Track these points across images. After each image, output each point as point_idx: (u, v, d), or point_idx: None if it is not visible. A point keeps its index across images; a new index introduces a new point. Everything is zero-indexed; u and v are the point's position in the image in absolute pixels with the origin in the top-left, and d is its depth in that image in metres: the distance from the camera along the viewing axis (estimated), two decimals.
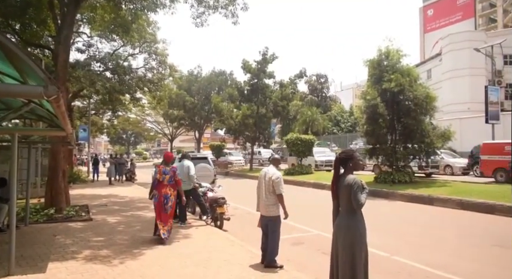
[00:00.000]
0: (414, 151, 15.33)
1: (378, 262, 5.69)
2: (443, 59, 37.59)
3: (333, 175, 3.85)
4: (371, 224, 3.82)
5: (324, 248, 6.31)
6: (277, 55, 28.91)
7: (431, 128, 15.42)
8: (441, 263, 5.75)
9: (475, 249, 6.74)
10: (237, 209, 11.47)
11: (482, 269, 5.55)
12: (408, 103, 14.80)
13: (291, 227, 8.82)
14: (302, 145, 22.74)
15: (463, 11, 53.25)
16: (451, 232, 8.22)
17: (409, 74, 15.15)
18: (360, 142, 27.59)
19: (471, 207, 10.63)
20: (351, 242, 3.58)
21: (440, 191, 12.60)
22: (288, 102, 32.18)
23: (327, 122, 45.74)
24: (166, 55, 20.87)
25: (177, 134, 47.39)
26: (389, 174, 15.34)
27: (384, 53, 15.58)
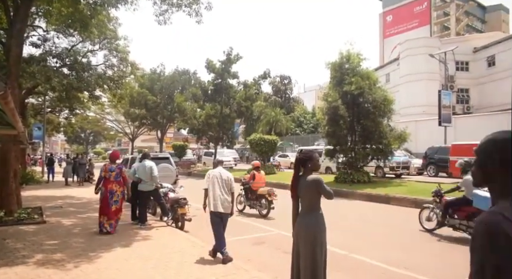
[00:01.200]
0: (372, 151, 15.86)
1: (336, 260, 5.84)
2: (400, 64, 39.13)
3: (293, 176, 3.92)
4: (331, 222, 3.92)
5: (284, 247, 6.38)
6: (241, 56, 29.02)
7: (388, 130, 16.01)
8: (396, 259, 5.99)
9: (427, 244, 7.08)
10: (199, 209, 11.34)
11: (432, 263, 5.84)
12: (367, 106, 15.30)
13: (252, 227, 8.89)
14: (265, 146, 22.93)
15: (420, 18, 55.76)
16: (406, 229, 8.58)
17: (369, 77, 15.67)
18: (321, 143, 28.18)
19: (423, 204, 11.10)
20: (312, 241, 3.66)
21: (396, 190, 13.12)
22: (251, 103, 32.37)
23: (290, 123, 46.28)
24: (128, 52, 20.33)
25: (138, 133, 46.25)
26: (349, 174, 15.78)
27: (345, 56, 16.01)
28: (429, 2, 55.25)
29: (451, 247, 6.90)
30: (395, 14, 59.28)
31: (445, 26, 56.68)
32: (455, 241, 7.27)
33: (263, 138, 23.25)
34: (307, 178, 3.74)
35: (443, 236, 7.69)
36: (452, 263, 5.89)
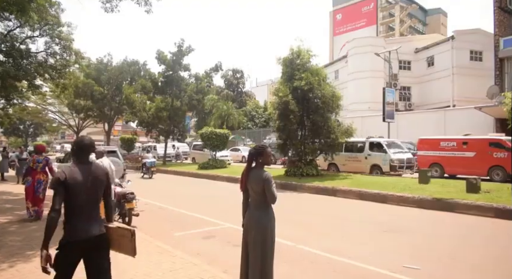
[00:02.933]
0: (321, 146, 16.34)
1: (283, 251, 5.98)
2: (348, 61, 40.53)
3: (245, 168, 3.95)
4: (279, 215, 4.00)
5: (235, 241, 6.43)
6: (193, 48, 28.53)
7: (336, 125, 16.57)
8: (341, 249, 6.24)
9: (370, 235, 7.44)
10: (147, 204, 11.13)
11: (375, 252, 6.15)
12: (317, 101, 15.69)
13: (202, 221, 8.85)
14: (217, 139, 22.84)
15: (367, 18, 58.03)
16: (351, 220, 8.97)
17: (318, 74, 16.07)
18: (273, 137, 28.57)
19: (368, 197, 11.67)
20: (261, 235, 3.71)
21: (342, 183, 13.64)
22: (203, 96, 32.01)
23: (242, 117, 46.49)
24: (72, 40, 19.18)
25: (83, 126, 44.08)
26: (299, 168, 16.16)
27: (295, 52, 16.29)
28: (376, 2, 57.64)
29: (395, 236, 7.30)
30: (344, 12, 61.21)
31: (390, 26, 59.47)
32: (400, 231, 7.71)
33: (214, 132, 23.14)
34: (258, 172, 3.79)
35: (390, 225, 8.13)
36: (395, 251, 6.25)
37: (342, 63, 42.91)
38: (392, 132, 24.83)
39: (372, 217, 9.26)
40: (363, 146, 17.95)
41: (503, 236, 7.41)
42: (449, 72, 34.68)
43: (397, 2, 58.31)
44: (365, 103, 35.93)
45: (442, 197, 9.98)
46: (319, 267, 5.46)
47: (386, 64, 30.12)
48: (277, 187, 14.40)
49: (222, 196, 13.22)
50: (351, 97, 36.98)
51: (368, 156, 17.62)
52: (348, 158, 18.33)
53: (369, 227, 8.11)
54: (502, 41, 24.88)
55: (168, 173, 23.75)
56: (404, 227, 7.98)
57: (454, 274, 5.12)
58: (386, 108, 24.84)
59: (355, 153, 18.21)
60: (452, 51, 34.64)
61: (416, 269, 5.22)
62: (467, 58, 34.73)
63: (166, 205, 11.27)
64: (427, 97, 37.06)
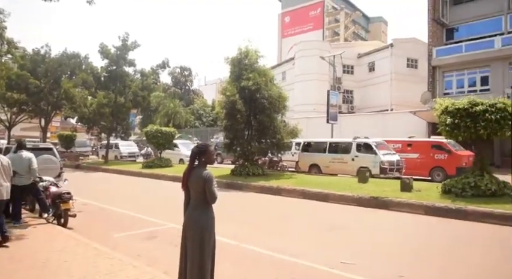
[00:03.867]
0: (267, 146, 16.59)
1: (227, 250, 6.00)
2: (295, 63, 41.50)
3: (187, 167, 3.90)
4: (224, 214, 4.02)
5: (177, 241, 6.23)
6: (139, 43, 27.62)
7: (282, 125, 16.92)
8: (283, 247, 6.37)
9: (311, 232, 7.69)
10: (86, 204, 10.62)
11: (316, 249, 6.36)
12: (263, 101, 15.88)
13: (144, 221, 8.62)
14: (162, 138, 22.34)
15: (314, 22, 59.73)
16: (294, 218, 9.20)
17: (265, 74, 16.31)
18: (220, 136, 28.50)
19: (311, 196, 12.03)
20: (200, 234, 3.69)
21: (287, 182, 13.94)
22: (149, 93, 31.12)
23: (190, 115, 45.90)
24: (4, 28, 17.83)
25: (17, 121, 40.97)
26: (245, 167, 16.28)
27: (243, 52, 16.38)
28: (322, 8, 59.50)
29: (335, 233, 7.59)
30: (292, 15, 62.51)
31: (335, 31, 61.67)
32: (340, 228, 8.02)
33: (160, 130, 22.61)
34: (200, 171, 3.76)
35: (331, 223, 8.43)
36: (335, 247, 6.51)
37: (290, 65, 43.83)
38: (336, 133, 25.80)
39: (314, 215, 9.57)
40: (349, 146, 16.99)
41: (431, 231, 7.99)
42: (388, 78, 36.73)
43: (342, 9, 60.64)
44: (311, 104, 36.96)
45: (378, 196, 10.56)
46: (262, 266, 5.54)
47: (331, 68, 31.21)
48: (223, 186, 14.38)
49: (166, 196, 12.96)
50: (297, 98, 37.87)
51: (355, 158, 16.57)
52: (333, 159, 17.32)
53: (311, 225, 8.37)
54: (434, 50, 26.82)
55: (110, 172, 22.81)
56: (343, 225, 8.34)
57: (387, 268, 5.43)
58: (330, 110, 25.69)
59: (340, 154, 17.19)
60: (391, 58, 36.74)
61: (352, 265, 5.47)
62: (404, 65, 37.02)
63: (107, 205, 10.83)
64: (368, 100, 38.95)
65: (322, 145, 18.20)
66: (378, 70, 38.67)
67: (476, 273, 5.30)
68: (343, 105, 37.94)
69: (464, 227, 8.23)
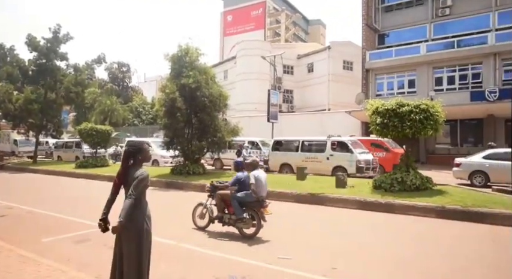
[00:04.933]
0: (208, 144, 16.49)
1: (165, 250, 5.91)
2: (237, 62, 41.68)
3: (120, 167, 3.77)
4: (163, 214, 3.94)
5: (111, 243, 6.02)
6: (72, 36, 26.06)
7: (223, 124, 16.92)
8: (222, 245, 6.41)
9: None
10: (12, 208, 9.85)
11: (255, 246, 6.45)
12: (204, 100, 15.76)
13: (76, 223, 8.18)
14: (98, 136, 21.30)
15: (256, 22, 60.39)
16: None
17: (206, 72, 16.20)
18: (160, 135, 27.79)
19: None
20: (136, 234, 3.60)
21: (228, 180, 13.94)
22: (83, 89, 29.45)
23: (128, 113, 44.24)
24: None
25: None
26: (185, 166, 16.05)
27: (184, 50, 16.12)
28: (264, 8, 60.34)
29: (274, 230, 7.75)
30: (235, 14, 62.67)
31: (276, 32, 62.83)
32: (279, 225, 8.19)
33: (95, 128, 21.53)
34: (135, 170, 3.66)
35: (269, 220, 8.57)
36: (274, 244, 6.65)
37: (231, 64, 43.92)
38: (276, 132, 26.33)
39: None
40: (323, 145, 16.54)
41: (362, 224, 8.47)
42: (325, 79, 38.18)
43: (283, 10, 61.98)
44: (252, 103, 37.35)
45: (315, 192, 10.98)
46: (200, 264, 5.52)
47: (271, 68, 31.82)
48: (163, 185, 14.08)
49: (100, 197, 12.26)
50: (239, 97, 38.07)
51: (330, 156, 16.09)
52: (306, 158, 16.65)
53: None
54: (368, 54, 28.38)
55: (39, 173, 21.29)
56: (281, 221, 8.54)
57: (321, 261, 5.67)
58: (270, 109, 26.18)
59: (314, 153, 16.69)
60: (329, 60, 38.25)
61: (288, 259, 5.64)
62: (340, 67, 38.73)
63: (35, 208, 10.09)
64: (307, 100, 40.22)
65: (295, 144, 17.61)
66: (317, 71, 40.06)
67: (399, 260, 5.72)
68: (283, 104, 38.83)
69: (391, 219, 8.83)
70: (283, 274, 5.08)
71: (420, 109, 10.41)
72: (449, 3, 26.25)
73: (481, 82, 24.40)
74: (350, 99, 29.32)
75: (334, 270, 5.20)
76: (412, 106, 10.47)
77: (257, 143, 20.74)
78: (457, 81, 25.52)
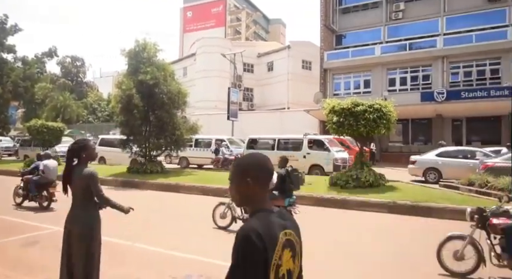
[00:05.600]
0: (166, 142, 16.21)
1: (120, 251, 5.77)
2: (197, 59, 41.25)
3: (65, 167, 3.62)
4: (117, 214, 3.80)
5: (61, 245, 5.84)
6: (20, 28, 24.68)
7: (182, 121, 16.66)
8: (180, 245, 6.33)
9: (209, 229, 7.73)
10: None
11: (214, 245, 6.44)
12: (162, 97, 15.43)
13: (24, 226, 7.77)
14: (48, 134, 20.27)
15: (216, 19, 59.99)
16: (192, 215, 9.17)
17: (165, 69, 15.88)
18: (117, 132, 26.94)
19: (211, 192, 12.09)
20: (85, 234, 3.49)
21: (187, 179, 13.83)
22: (33, 83, 28.01)
23: (82, 109, 42.54)
24: None
25: None
26: (142, 164, 15.69)
27: (141, 45, 15.71)
28: (225, 5, 60.08)
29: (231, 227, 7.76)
30: (195, 11, 61.91)
31: (237, 30, 62.81)
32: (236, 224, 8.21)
33: (46, 125, 20.47)
34: (82, 169, 3.54)
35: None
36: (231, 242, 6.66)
37: (191, 61, 43.40)
38: (236, 130, 26.34)
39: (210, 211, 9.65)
40: (300, 143, 16.45)
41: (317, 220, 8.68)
42: (285, 78, 38.70)
43: (244, 8, 62.04)
44: (212, 101, 37.13)
45: None
46: (156, 264, 5.43)
47: (232, 66, 31.75)
48: (119, 184, 13.69)
49: None
50: (199, 94, 37.69)
51: (307, 155, 16.01)
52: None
53: (207, 221, 8.43)
54: (326, 54, 29.05)
55: None
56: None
57: None
58: (231, 107, 26.16)
59: (291, 151, 16.21)
60: (288, 59, 38.79)
61: None
62: (300, 66, 39.39)
63: None
64: (267, 98, 40.56)
65: (270, 142, 17.44)
66: (276, 70, 40.50)
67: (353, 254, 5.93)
68: (243, 102, 38.91)
69: (345, 215, 9.13)
70: None
71: (374, 109, 10.82)
72: (402, 8, 27.42)
73: (430, 84, 25.72)
74: (309, 98, 29.88)
75: None
76: (366, 106, 10.86)
77: (225, 141, 20.61)
78: (409, 82, 26.76)
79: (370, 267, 5.41)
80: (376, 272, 5.30)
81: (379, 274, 5.26)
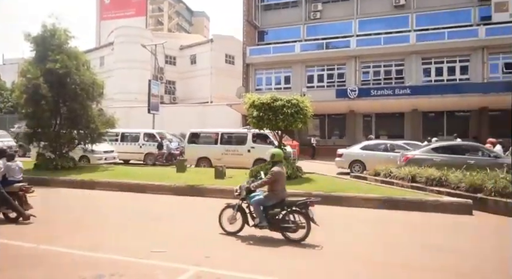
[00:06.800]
0: (80, 136, 15.19)
1: (24, 254, 5.37)
2: (115, 49, 39.14)
3: None
4: None
5: None
6: None
7: (97, 114, 15.69)
8: (90, 244, 5.99)
9: (122, 225, 7.44)
10: None
11: (127, 242, 6.20)
12: (75, 87, 14.35)
13: None
14: None
15: (136, 8, 57.25)
16: (105, 213, 8.77)
17: (77, 57, 14.77)
18: (23, 125, 24.51)
19: (128, 188, 11.62)
20: None
21: (102, 175, 13.11)
22: None
23: None
24: None
25: None
26: (52, 160, 14.53)
27: (49, 30, 14.41)
28: None
29: (148, 224, 7.54)
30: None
31: (159, 20, 60.74)
32: (156, 218, 8.00)
33: None
34: None
35: (146, 214, 8.32)
36: (147, 238, 6.49)
37: (109, 50, 41.07)
38: (158, 123, 25.61)
39: (128, 208, 9.33)
40: (244, 138, 16.30)
41: None
42: (208, 71, 38.48)
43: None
44: (132, 93, 35.65)
45: (194, 184, 11.04)
46: (65, 266, 5.11)
47: (153, 57, 30.68)
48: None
49: None
50: (118, 86, 35.94)
51: (251, 149, 15.89)
52: (226, 151, 16.27)
53: (124, 218, 8.13)
54: (248, 50, 29.47)
55: None
56: (158, 215, 8.40)
57: (195, 251, 5.75)
58: (151, 100, 25.38)
59: (235, 146, 16.40)
60: (211, 53, 38.61)
61: (163, 252, 5.59)
62: (223, 60, 39.40)
63: None
64: (190, 92, 39.98)
65: (214, 136, 17.08)
66: (199, 64, 40.08)
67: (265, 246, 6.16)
68: (165, 95, 37.93)
69: None
70: (155, 267, 5.02)
71: (292, 104, 11.25)
72: (320, 8, 28.83)
73: (344, 81, 27.47)
74: (232, 92, 30.10)
75: (207, 259, 5.34)
76: (284, 101, 11.26)
77: (154, 135, 19.84)
78: (326, 80, 28.30)
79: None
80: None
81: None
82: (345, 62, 27.62)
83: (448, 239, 6.62)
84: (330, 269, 5.11)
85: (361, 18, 28.16)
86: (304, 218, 6.14)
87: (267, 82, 30.07)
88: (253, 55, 29.40)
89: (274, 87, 28.61)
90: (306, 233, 6.09)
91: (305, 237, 6.08)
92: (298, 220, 6.21)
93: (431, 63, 25.77)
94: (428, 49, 25.23)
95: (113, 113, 16.46)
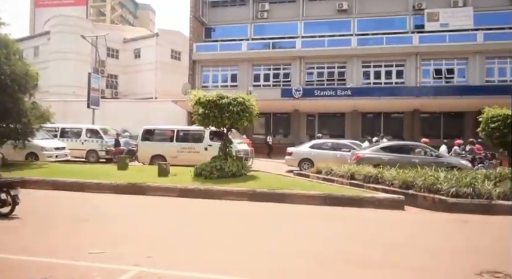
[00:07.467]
0: (10, 131, 14.10)
1: None
2: (51, 39, 36.75)
3: None
4: None
5: None
6: None
7: (31, 108, 14.69)
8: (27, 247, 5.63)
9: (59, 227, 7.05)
10: None
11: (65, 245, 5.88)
12: (4, 78, 13.29)
13: None
14: None
15: None
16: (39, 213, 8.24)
17: (7, 46, 13.71)
18: None
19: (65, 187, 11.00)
20: None
21: (34, 173, 12.29)
22: None
23: None
24: None
25: None
26: None
27: None
28: None
29: (84, 225, 7.20)
30: None
31: (101, 11, 57.91)
32: (94, 219, 7.65)
33: None
34: None
35: (83, 215, 7.93)
36: (84, 240, 6.19)
37: (44, 40, 38.41)
38: (98, 119, 24.47)
39: (64, 208, 8.85)
40: (201, 135, 15.98)
41: (181, 211, 8.73)
42: (153, 66, 37.40)
43: None
44: (69, 87, 33.71)
45: (136, 182, 10.71)
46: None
47: (93, 49, 29.24)
48: None
49: None
50: (54, 78, 33.81)
51: (209, 147, 15.55)
52: (182, 149, 15.92)
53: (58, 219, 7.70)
54: (195, 46, 29.12)
55: None
56: (96, 214, 8.05)
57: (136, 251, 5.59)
58: (91, 94, 24.20)
59: (191, 143, 16.09)
60: (157, 47, 37.56)
61: (101, 253, 5.37)
62: (168, 56, 38.51)
63: None
64: (133, 87, 38.60)
65: (169, 133, 16.65)
66: (144, 58, 38.84)
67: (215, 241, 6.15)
68: (106, 89, 36.31)
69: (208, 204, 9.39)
70: (93, 269, 4.81)
71: (238, 102, 11.32)
72: (267, 8, 29.19)
73: (290, 81, 28.09)
74: (178, 89, 29.53)
75: (149, 259, 5.21)
76: (230, 99, 11.29)
77: (98, 131, 18.80)
78: (272, 79, 28.75)
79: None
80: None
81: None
82: (291, 62, 28.23)
83: (379, 233, 7.04)
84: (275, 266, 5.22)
85: (307, 20, 28.93)
86: (10, 196, 7.40)
87: (213, 79, 29.91)
88: (199, 51, 29.09)
89: (220, 85, 28.55)
90: (12, 209, 7.43)
91: (11, 212, 7.42)
92: (5, 198, 7.44)
93: (370, 67, 27.16)
94: (368, 54, 26.57)
95: (48, 107, 15.48)
